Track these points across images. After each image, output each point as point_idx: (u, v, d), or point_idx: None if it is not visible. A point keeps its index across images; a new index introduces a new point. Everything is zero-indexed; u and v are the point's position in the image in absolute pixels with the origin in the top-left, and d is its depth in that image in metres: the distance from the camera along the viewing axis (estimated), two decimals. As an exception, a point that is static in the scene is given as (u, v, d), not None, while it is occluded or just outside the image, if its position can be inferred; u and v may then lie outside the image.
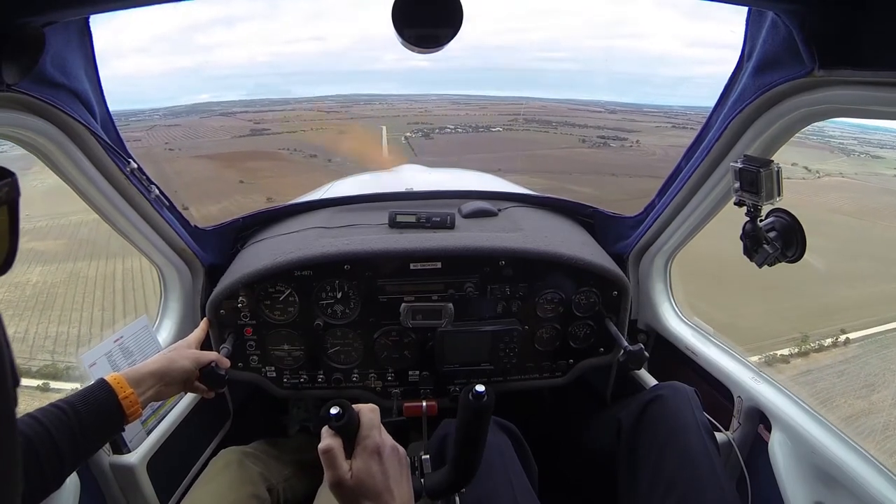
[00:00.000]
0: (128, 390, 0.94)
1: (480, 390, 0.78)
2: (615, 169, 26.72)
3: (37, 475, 0.78)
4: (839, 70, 0.83)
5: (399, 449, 0.75)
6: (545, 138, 39.54)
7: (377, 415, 0.74)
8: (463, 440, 0.83)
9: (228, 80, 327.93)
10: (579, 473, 1.56)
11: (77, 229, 9.72)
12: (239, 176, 24.83)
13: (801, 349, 6.43)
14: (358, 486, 0.67)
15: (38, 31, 0.82)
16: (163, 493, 1.30)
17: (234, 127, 39.16)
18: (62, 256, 8.82)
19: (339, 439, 0.69)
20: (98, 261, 8.16)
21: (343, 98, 71.34)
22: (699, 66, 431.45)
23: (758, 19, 0.96)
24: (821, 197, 12.00)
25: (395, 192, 1.98)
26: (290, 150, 33.48)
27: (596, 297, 1.50)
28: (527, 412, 1.66)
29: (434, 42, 0.78)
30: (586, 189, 23.84)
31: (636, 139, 33.74)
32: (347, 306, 1.47)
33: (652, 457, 1.14)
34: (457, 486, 0.89)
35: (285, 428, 1.90)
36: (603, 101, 68.37)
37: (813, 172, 12.14)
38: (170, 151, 29.57)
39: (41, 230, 9.96)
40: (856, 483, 1.00)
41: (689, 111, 23.87)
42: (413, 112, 47.27)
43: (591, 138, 36.83)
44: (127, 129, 1.32)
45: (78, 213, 10.83)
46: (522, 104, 58.59)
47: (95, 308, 7.20)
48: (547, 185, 26.37)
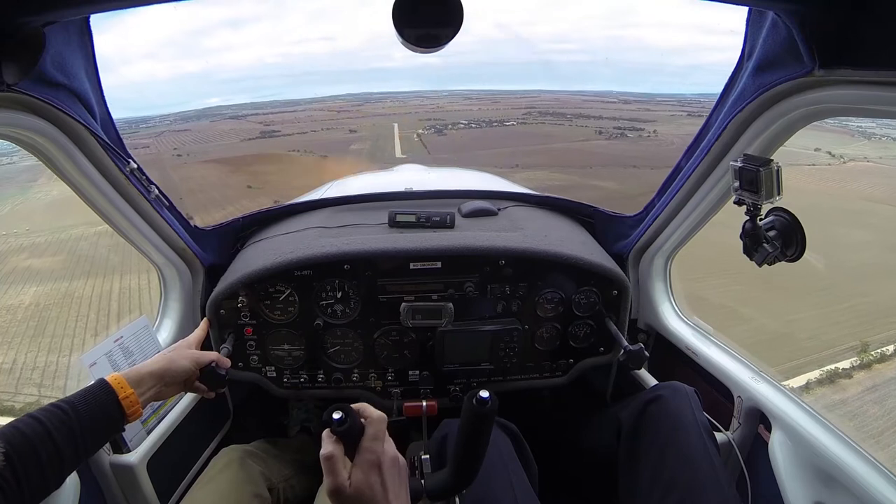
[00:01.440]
0: (128, 390, 0.94)
1: (485, 396, 0.78)
2: (635, 161, 26.20)
3: (37, 475, 0.78)
4: (839, 70, 0.83)
5: (399, 459, 0.74)
6: (561, 131, 39.06)
7: (384, 425, 0.74)
8: (465, 444, 0.83)
9: (239, 83, 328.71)
10: (579, 473, 1.56)
11: (77, 244, 9.54)
12: (247, 180, 24.51)
13: (862, 360, 5.93)
14: (356, 496, 0.67)
15: (38, 30, 0.82)
16: (163, 492, 1.30)
17: (243, 130, 38.88)
18: (59, 274, 8.58)
19: (340, 445, 0.69)
20: (95, 279, 7.93)
21: (354, 97, 71.07)
22: (709, 53, 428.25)
23: (758, 19, 0.96)
24: (852, 183, 11.66)
25: (394, 191, 1.98)
26: (300, 152, 33.19)
27: (596, 296, 1.50)
28: (527, 412, 1.66)
29: (434, 42, 0.78)
30: (609, 184, 23.42)
31: (653, 129, 33.27)
32: (347, 306, 1.47)
33: (652, 457, 1.14)
34: (457, 488, 0.89)
35: (285, 428, 1.90)
36: (615, 91, 68.32)
37: (837, 157, 11.87)
38: (178, 157, 29.30)
39: (40, 246, 9.77)
40: (856, 483, 1.00)
41: (702, 98, 23.80)
42: (425, 108, 46.90)
43: (607, 130, 36.39)
44: (136, 137, 1.33)
45: (78, 227, 10.63)
46: (535, 97, 58.18)
47: (88, 333, 6.97)
48: (568, 180, 25.73)
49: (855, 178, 11.68)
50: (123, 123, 1.15)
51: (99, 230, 9.90)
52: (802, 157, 10.95)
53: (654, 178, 13.34)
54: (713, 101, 1.18)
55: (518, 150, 31.06)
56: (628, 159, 28.48)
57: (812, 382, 5.58)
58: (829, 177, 11.01)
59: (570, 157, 31.26)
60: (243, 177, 25.10)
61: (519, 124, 41.02)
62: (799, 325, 6.94)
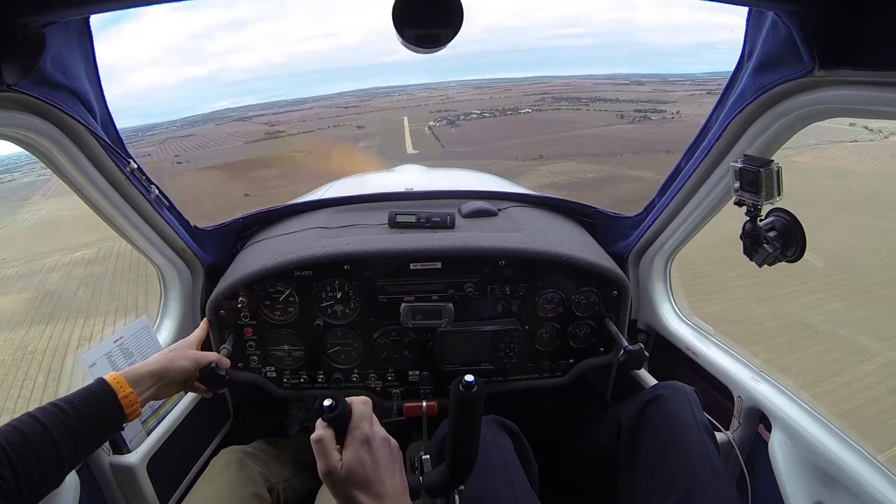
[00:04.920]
0: (127, 389, 0.94)
1: (469, 380, 0.78)
2: (665, 145, 25.06)
3: (36, 474, 0.78)
4: (839, 70, 0.83)
5: (391, 440, 0.75)
6: (580, 116, 38.04)
7: (369, 406, 0.75)
8: (456, 433, 0.84)
9: (245, 85, 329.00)
10: (579, 473, 1.56)
11: (47, 276, 8.92)
12: (245, 187, 23.70)
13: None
14: (348, 475, 0.68)
15: (38, 30, 0.82)
16: (163, 492, 1.30)
17: (248, 132, 37.99)
18: (18, 318, 7.77)
19: (331, 430, 0.70)
20: (56, 324, 7.18)
21: (361, 92, 70.27)
22: (719, 32, 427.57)
23: (758, 19, 0.96)
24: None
25: (394, 192, 1.98)
26: (305, 153, 32.38)
27: (596, 296, 1.50)
28: (527, 412, 1.66)
29: (434, 42, 0.78)
30: (645, 173, 22.08)
31: (676, 110, 32.32)
32: (347, 306, 1.47)
33: (652, 457, 1.14)
34: (454, 482, 0.89)
35: (285, 428, 1.90)
36: (625, 73, 67.40)
37: (875, 132, 11.11)
38: (178, 165, 28.54)
39: (9, 280, 9.12)
40: (856, 483, 1.00)
41: (716, 76, 23.32)
42: (434, 100, 46.14)
43: (628, 113, 35.36)
44: (140, 145, 1.31)
45: (54, 254, 10.06)
46: (547, 83, 57.26)
47: (33, 403, 5.99)
48: (601, 171, 24.62)
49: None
50: (129, 132, 1.15)
51: (74, 258, 9.38)
52: (839, 132, 10.16)
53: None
54: (725, 78, 1.16)
55: (538, 140, 29.97)
56: (658, 144, 27.26)
57: None
58: (878, 154, 10.30)
59: (596, 145, 29.90)
60: (242, 183, 24.24)
61: (534, 111, 40.22)
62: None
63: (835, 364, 4.80)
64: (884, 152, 11.03)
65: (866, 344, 5.39)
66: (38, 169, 8.86)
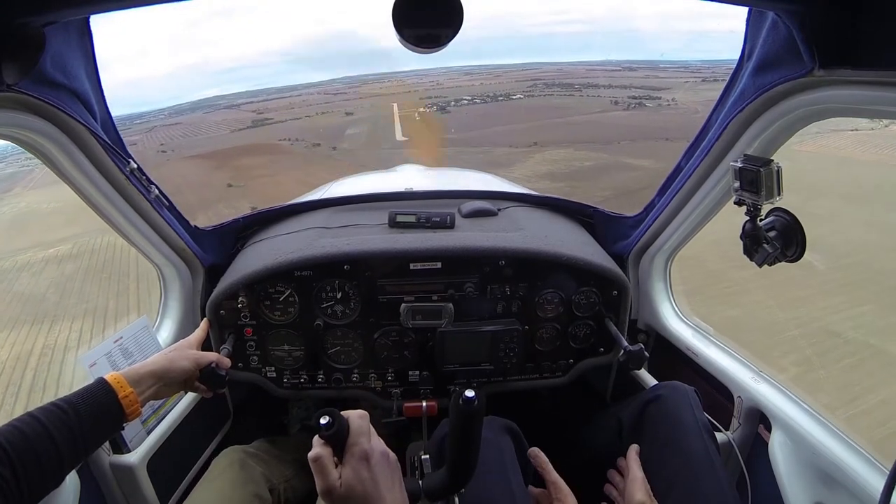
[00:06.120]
0: (127, 389, 0.94)
1: (470, 395, 0.78)
2: (664, 132, 24.45)
3: (36, 474, 0.78)
4: (839, 70, 0.83)
5: (390, 454, 0.74)
6: (573, 103, 37.53)
7: (366, 420, 0.74)
8: (457, 444, 0.84)
9: (235, 73, 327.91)
10: (579, 473, 1.56)
11: (18, 275, 8.42)
12: (228, 177, 23.06)
13: None
14: (348, 494, 0.67)
15: (37, 30, 0.82)
16: (163, 492, 1.30)
17: (235, 120, 37.39)
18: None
19: (328, 448, 0.70)
20: (19, 331, 6.67)
21: (350, 79, 69.79)
22: (713, 21, 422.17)
23: (758, 19, 0.96)
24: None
25: (394, 191, 1.98)
26: (291, 141, 31.92)
27: (596, 296, 1.50)
28: (527, 412, 1.66)
29: (434, 42, 0.78)
30: (643, 161, 21.16)
31: (671, 97, 31.83)
32: (347, 306, 1.47)
33: (652, 457, 1.14)
34: (454, 487, 0.89)
35: (285, 427, 1.90)
36: (616, 59, 66.99)
37: (876, 121, 11.15)
38: (162, 154, 28.05)
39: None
40: (856, 483, 1.00)
41: (710, 65, 22.60)
42: (424, 86, 45.75)
43: (622, 99, 34.87)
44: (126, 133, 1.30)
45: (28, 251, 9.43)
46: (538, 69, 56.77)
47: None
48: (598, 159, 23.96)
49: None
50: (118, 120, 1.15)
51: (48, 255, 9.00)
52: (840, 120, 10.12)
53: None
54: (724, 66, 1.15)
55: (532, 126, 29.31)
56: (655, 131, 26.58)
57: None
58: (882, 144, 10.14)
59: (592, 132, 29.08)
60: (226, 173, 23.49)
61: (526, 97, 39.79)
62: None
63: (870, 378, 4.60)
64: (886, 141, 10.94)
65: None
66: (23, 160, 8.36)
